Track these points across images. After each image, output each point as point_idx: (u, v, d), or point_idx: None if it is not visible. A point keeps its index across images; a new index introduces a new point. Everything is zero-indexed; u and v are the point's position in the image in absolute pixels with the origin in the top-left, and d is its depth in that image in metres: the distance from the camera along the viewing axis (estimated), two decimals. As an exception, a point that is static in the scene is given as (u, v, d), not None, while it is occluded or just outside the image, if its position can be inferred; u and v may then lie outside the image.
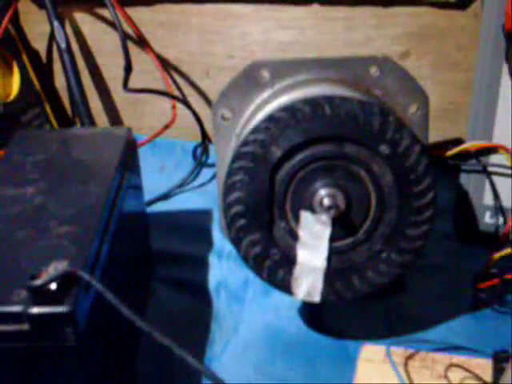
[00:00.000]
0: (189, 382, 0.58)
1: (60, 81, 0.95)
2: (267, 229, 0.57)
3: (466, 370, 0.55)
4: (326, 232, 0.56)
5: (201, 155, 0.91)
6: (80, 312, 0.43)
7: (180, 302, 0.68)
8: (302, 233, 0.57)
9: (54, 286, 0.43)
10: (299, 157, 0.56)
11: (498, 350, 0.55)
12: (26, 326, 0.43)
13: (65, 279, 0.44)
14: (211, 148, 0.91)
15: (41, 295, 0.43)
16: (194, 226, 0.79)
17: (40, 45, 0.94)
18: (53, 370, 0.46)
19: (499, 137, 0.69)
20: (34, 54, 0.93)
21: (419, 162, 0.55)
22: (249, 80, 0.63)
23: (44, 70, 0.94)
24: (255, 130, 0.56)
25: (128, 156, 0.62)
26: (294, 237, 0.58)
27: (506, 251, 0.66)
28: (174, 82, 0.93)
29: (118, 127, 0.90)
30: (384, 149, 0.55)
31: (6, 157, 0.60)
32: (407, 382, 0.55)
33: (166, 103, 0.91)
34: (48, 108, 0.90)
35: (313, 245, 0.57)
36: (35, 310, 0.42)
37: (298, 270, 0.58)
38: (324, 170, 0.56)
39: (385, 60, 0.63)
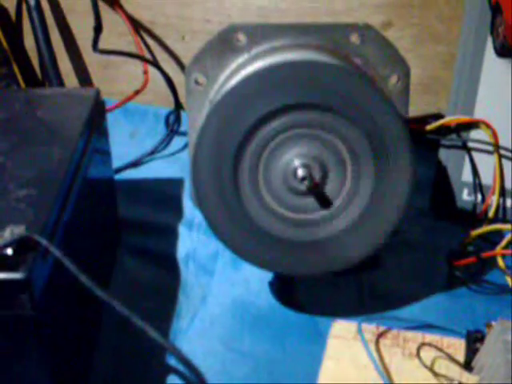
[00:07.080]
0: (153, 356, 0.56)
1: (29, 41, 0.92)
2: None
3: (438, 349, 0.53)
4: None
5: (173, 123, 0.88)
6: (36, 279, 0.41)
7: (147, 272, 0.66)
8: None
9: (9, 251, 0.41)
10: (273, 124, 0.54)
11: (472, 329, 0.54)
12: (-22, 293, 0.40)
13: (21, 244, 0.41)
14: (184, 115, 0.88)
15: (-5, 261, 0.40)
16: (164, 194, 0.78)
17: (9, 3, 0.90)
18: (8, 339, 0.43)
19: (481, 112, 0.68)
20: (2, 13, 0.90)
21: (398, 135, 0.54)
22: (224, 44, 0.61)
23: (12, 30, 0.91)
24: (229, 92, 0.53)
25: (95, 118, 0.59)
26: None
27: (483, 229, 0.65)
28: (147, 46, 0.90)
29: (86, 88, 0.87)
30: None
31: (-33, 115, 0.57)
32: (378, 359, 0.54)
33: (138, 68, 0.89)
34: (16, 68, 0.87)
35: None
36: (-12, 276, 0.40)
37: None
38: (298, 140, 0.54)
39: (366, 28, 0.60)
